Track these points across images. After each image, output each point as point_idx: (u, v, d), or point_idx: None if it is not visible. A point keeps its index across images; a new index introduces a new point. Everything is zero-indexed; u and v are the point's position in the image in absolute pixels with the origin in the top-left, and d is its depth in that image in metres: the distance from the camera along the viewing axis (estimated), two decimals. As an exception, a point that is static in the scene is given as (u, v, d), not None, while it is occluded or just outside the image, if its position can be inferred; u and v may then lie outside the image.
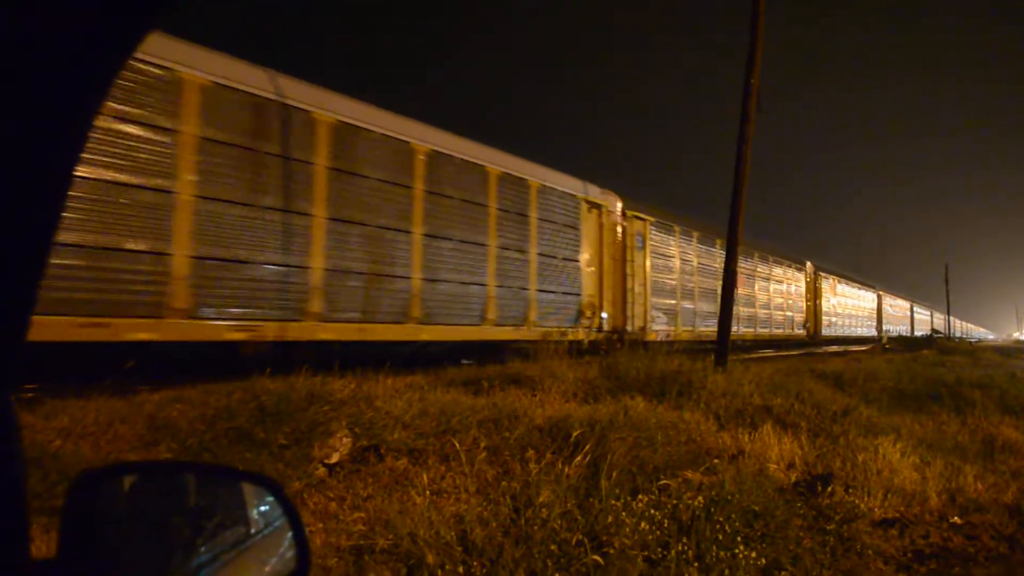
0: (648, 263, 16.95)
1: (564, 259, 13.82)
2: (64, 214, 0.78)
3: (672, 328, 17.92)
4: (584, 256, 14.51)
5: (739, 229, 11.24)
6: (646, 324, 16.48)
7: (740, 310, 22.24)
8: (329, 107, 9.27)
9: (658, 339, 16.35)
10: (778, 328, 25.82)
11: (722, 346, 10.91)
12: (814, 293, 30.38)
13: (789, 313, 27.27)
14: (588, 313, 14.33)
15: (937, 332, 51.59)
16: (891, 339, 37.16)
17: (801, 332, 28.54)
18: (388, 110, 10.35)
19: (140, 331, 7.12)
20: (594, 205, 14.99)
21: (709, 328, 19.42)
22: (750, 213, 11.68)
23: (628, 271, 15.96)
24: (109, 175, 6.92)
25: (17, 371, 0.77)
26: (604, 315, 14.88)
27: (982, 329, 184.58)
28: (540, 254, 13.10)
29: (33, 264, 0.76)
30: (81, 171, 6.52)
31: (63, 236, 6.35)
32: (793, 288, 28.03)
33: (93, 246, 6.79)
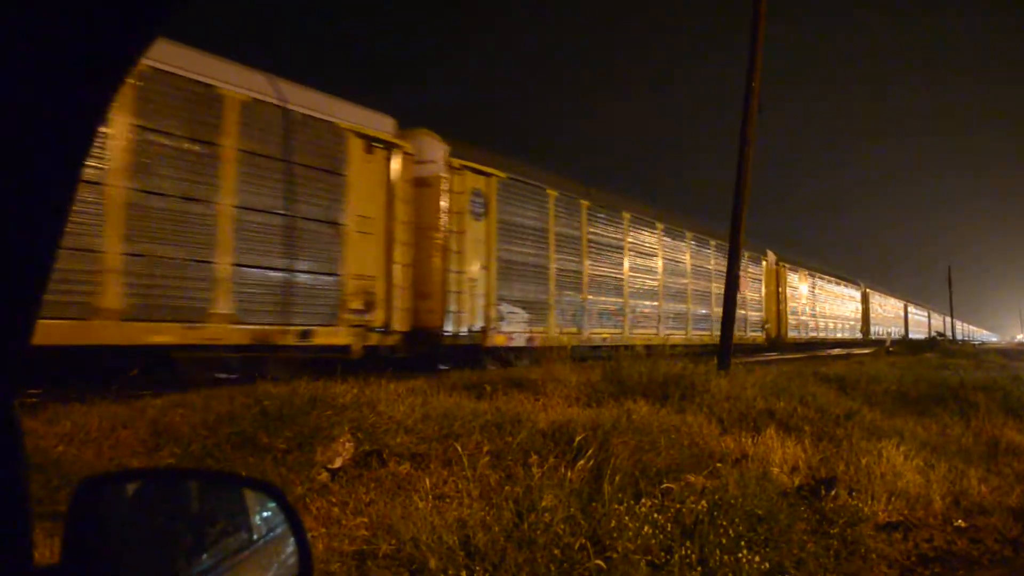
0: (495, 237, 12.21)
1: (308, 220, 9.34)
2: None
3: (541, 329, 13.10)
4: (353, 218, 9.90)
5: (742, 229, 11.31)
6: (488, 323, 11.92)
7: (662, 306, 18.04)
8: None
9: (512, 344, 12.30)
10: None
11: (725, 349, 11.01)
12: (776, 289, 26.04)
13: (741, 311, 21.48)
14: (358, 304, 9.85)
15: (940, 334, 51.49)
16: (895, 342, 36.85)
17: (758, 335, 24.03)
18: None
19: None
20: (381, 144, 10.31)
21: (607, 330, 15.41)
22: (750, 214, 11.37)
23: (454, 246, 11.31)
24: None
25: (20, 375, 0.77)
26: (396, 307, 10.46)
27: (985, 331, 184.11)
28: (246, 208, 8.54)
29: (37, 268, 0.76)
30: None
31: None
32: (749, 282, 23.19)
33: None
